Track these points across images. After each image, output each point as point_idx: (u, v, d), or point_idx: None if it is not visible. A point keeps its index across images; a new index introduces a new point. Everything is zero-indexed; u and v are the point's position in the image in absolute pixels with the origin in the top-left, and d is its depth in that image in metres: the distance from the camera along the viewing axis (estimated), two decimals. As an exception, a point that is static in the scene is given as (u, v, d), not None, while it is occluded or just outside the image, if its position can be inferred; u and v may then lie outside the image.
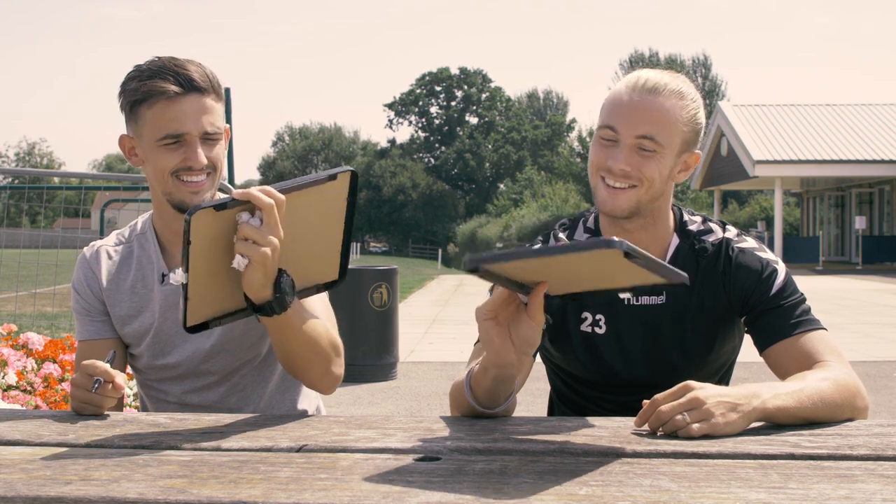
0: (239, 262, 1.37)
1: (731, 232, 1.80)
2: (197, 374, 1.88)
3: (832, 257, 29.14)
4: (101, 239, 1.99)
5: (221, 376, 1.88)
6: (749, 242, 1.78)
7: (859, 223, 25.12)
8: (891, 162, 24.83)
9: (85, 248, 1.97)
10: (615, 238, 1.15)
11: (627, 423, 1.38)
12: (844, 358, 1.61)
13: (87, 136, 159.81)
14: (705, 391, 1.33)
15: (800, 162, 25.12)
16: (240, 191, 1.37)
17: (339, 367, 1.68)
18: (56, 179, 12.90)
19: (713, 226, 1.81)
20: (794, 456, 1.18)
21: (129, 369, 1.98)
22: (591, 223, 1.85)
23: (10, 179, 48.80)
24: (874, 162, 25.00)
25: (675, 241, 1.78)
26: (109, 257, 1.94)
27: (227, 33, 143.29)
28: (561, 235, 1.84)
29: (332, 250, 1.48)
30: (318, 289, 1.52)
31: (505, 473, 1.10)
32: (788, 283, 1.72)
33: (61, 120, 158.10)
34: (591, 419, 1.43)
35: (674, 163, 1.70)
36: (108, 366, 1.54)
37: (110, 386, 1.53)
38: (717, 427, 1.29)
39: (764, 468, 1.12)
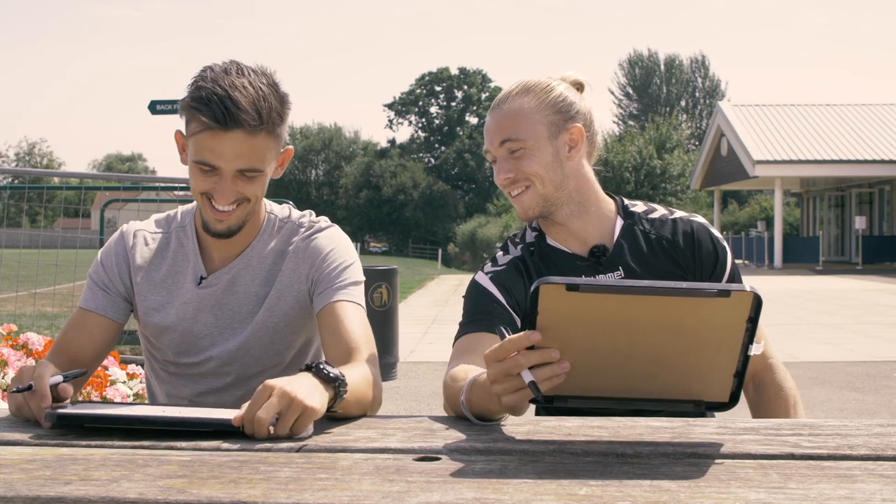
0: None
1: (680, 213, 1.89)
2: (217, 374, 1.86)
3: (832, 257, 29.14)
4: (140, 222, 1.93)
5: (240, 378, 1.85)
6: (701, 219, 1.89)
7: (859, 223, 25.13)
8: (891, 162, 24.83)
9: (125, 227, 1.92)
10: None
11: (627, 423, 1.38)
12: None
13: (87, 136, 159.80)
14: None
15: (800, 162, 25.13)
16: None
17: (376, 408, 1.61)
18: (56, 179, 12.88)
19: (656, 206, 1.90)
20: (794, 456, 1.18)
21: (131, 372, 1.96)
22: (535, 223, 1.90)
23: (10, 179, 48.86)
24: (874, 162, 25.00)
25: (620, 222, 1.85)
26: (146, 244, 1.89)
27: (227, 33, 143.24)
28: (516, 241, 1.89)
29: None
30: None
31: (505, 473, 1.10)
32: (736, 269, 1.85)
33: (61, 120, 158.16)
34: (591, 419, 1.43)
35: (552, 148, 1.78)
36: (59, 377, 1.46)
37: (44, 403, 1.40)
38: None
39: (764, 468, 1.12)
